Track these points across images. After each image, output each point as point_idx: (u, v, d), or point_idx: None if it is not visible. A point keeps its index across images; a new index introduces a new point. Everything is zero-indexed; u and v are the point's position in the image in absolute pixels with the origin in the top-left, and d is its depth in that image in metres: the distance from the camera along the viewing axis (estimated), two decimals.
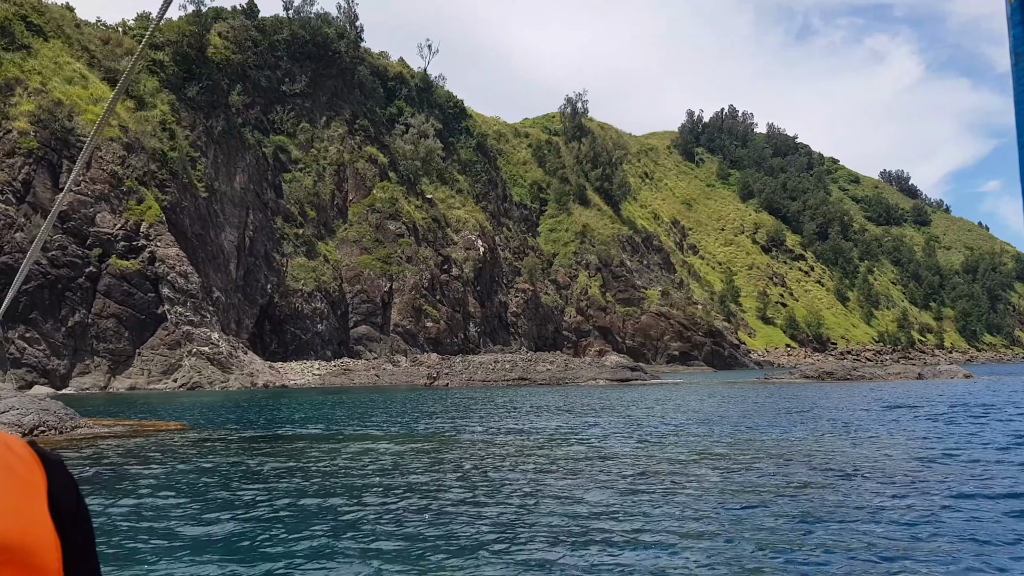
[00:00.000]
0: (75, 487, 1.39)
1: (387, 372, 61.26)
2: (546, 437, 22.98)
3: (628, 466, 17.14)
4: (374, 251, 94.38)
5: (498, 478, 15.73)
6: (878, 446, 20.59)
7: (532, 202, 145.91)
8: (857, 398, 38.87)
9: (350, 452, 19.93)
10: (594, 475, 15.97)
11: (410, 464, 17.79)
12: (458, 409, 35.01)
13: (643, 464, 17.49)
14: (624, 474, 16.02)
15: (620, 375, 53.02)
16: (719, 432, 24.25)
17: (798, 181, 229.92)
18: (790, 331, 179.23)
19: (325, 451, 20.25)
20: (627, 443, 21.41)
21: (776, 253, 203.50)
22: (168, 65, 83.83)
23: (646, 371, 56.92)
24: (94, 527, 1.45)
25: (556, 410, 33.54)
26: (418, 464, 17.79)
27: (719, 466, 17.09)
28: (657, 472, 16.28)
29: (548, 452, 19.52)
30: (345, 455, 19.39)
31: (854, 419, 27.99)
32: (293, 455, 19.60)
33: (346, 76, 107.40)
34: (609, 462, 17.78)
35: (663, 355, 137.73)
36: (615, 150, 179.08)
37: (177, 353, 58.34)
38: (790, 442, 21.61)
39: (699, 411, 32.69)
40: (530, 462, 17.88)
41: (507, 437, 23.02)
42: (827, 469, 16.69)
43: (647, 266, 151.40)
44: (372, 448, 20.62)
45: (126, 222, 60.93)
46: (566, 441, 22.00)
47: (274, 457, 19.23)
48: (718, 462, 17.70)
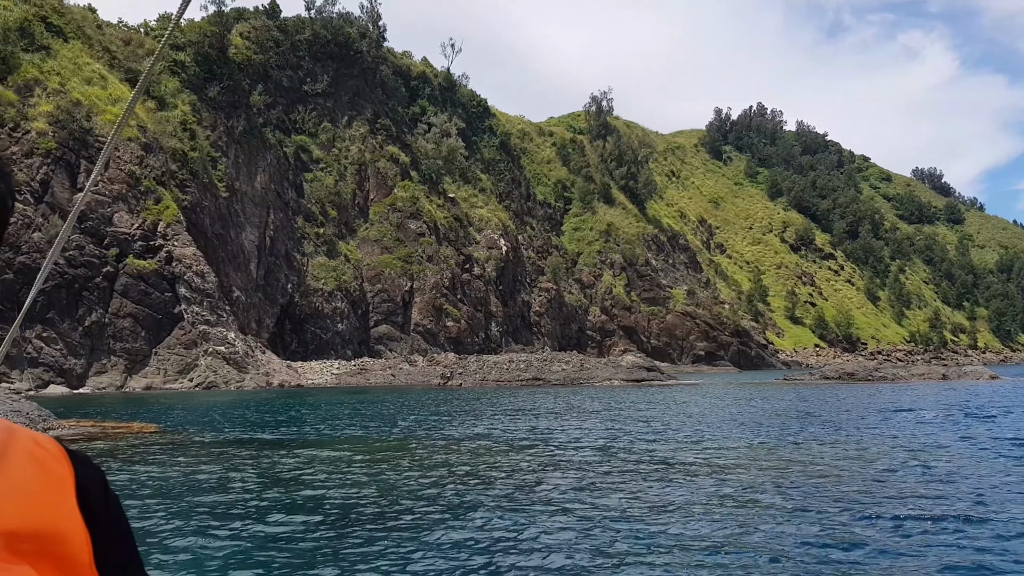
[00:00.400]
0: (104, 483, 1.39)
1: (403, 372, 60.99)
2: (506, 443, 22.42)
3: (570, 476, 16.58)
4: (395, 250, 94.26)
5: (420, 490, 15.22)
6: (836, 453, 19.91)
7: (556, 201, 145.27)
8: (870, 400, 37.97)
9: (309, 458, 19.48)
10: (525, 487, 15.41)
11: (349, 474, 17.27)
12: (453, 411, 34.54)
13: (590, 474, 16.92)
14: (557, 486, 15.45)
15: (636, 376, 52.32)
16: (700, 436, 23.62)
17: (828, 179, 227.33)
18: (819, 331, 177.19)
19: (286, 457, 19.82)
20: (584, 451, 20.81)
21: (805, 252, 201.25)
22: (189, 65, 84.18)
23: (663, 371, 56.15)
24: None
25: (548, 413, 32.97)
26: (353, 474, 17.27)
27: (664, 476, 16.48)
28: (589, 485, 15.70)
29: (489, 461, 18.96)
30: (303, 461, 18.97)
31: (846, 423, 27.24)
32: (254, 461, 19.19)
33: (368, 76, 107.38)
34: (554, 472, 17.22)
35: (689, 355, 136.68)
36: (641, 148, 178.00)
37: (193, 353, 58.42)
38: (751, 448, 20.98)
39: (694, 414, 32.00)
40: (466, 473, 17.32)
41: (473, 443, 22.51)
42: (772, 477, 16.05)
43: (672, 265, 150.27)
44: (327, 455, 20.13)
45: (143, 222, 61.12)
46: (524, 448, 21.43)
47: (232, 463, 18.82)
48: (667, 471, 17.09)
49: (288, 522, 12.28)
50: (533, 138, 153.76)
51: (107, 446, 21.83)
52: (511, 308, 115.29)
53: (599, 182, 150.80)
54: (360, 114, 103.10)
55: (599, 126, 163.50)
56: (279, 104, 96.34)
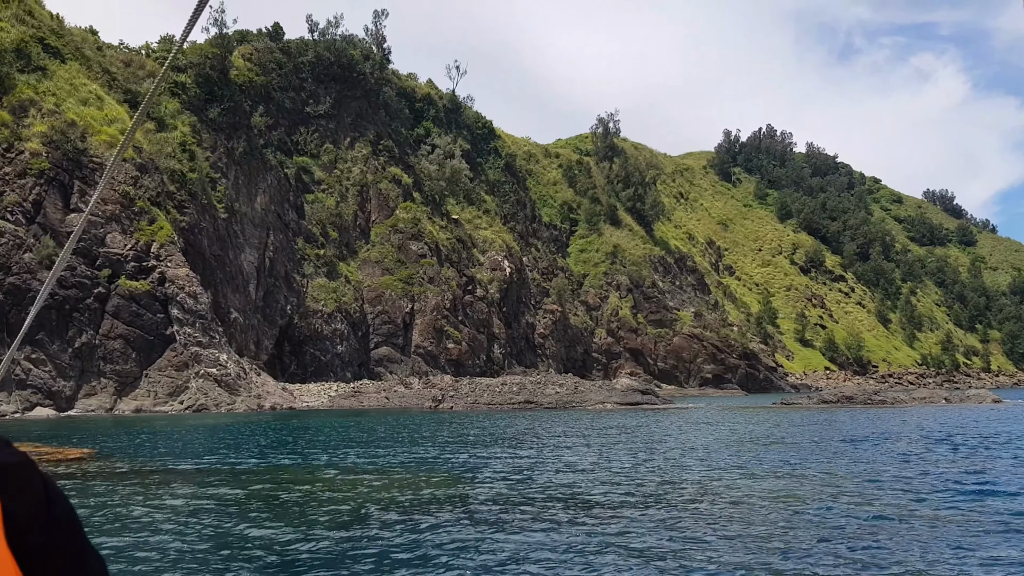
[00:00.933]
0: (47, 503, 1.07)
1: (397, 394, 60.17)
2: (445, 472, 21.49)
3: (492, 503, 15.68)
4: (396, 272, 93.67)
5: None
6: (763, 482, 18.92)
7: (562, 223, 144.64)
8: (852, 427, 36.91)
9: (216, 493, 18.59)
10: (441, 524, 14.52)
11: (262, 510, 16.41)
12: (422, 437, 33.63)
13: (508, 500, 16.03)
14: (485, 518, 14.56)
15: (630, 399, 51.30)
16: (659, 468, 22.66)
17: (838, 201, 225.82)
18: (829, 354, 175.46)
19: (194, 488, 18.97)
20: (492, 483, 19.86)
21: (815, 274, 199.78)
22: (190, 87, 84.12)
23: (658, 394, 55.08)
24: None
25: (510, 440, 32.01)
26: (256, 509, 16.41)
27: (555, 516, 15.52)
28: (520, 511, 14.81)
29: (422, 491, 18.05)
30: (206, 494, 18.09)
31: (803, 453, 26.21)
32: (175, 491, 18.37)
33: (371, 97, 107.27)
34: (492, 505, 16.32)
35: (696, 378, 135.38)
36: (648, 170, 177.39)
37: (184, 375, 57.77)
38: (700, 481, 20.03)
39: (659, 442, 31.00)
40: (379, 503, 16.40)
41: (402, 474, 21.62)
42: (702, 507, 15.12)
43: (680, 287, 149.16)
44: (240, 491, 19.22)
45: (136, 242, 60.67)
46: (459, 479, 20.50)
47: (150, 493, 17.99)
48: (569, 510, 16.14)
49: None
50: (539, 160, 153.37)
51: None
52: (515, 330, 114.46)
53: (605, 203, 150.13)
54: (362, 135, 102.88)
55: (606, 148, 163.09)
56: (281, 125, 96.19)
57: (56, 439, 31.69)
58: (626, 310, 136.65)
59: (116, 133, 64.45)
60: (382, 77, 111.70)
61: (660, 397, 54.74)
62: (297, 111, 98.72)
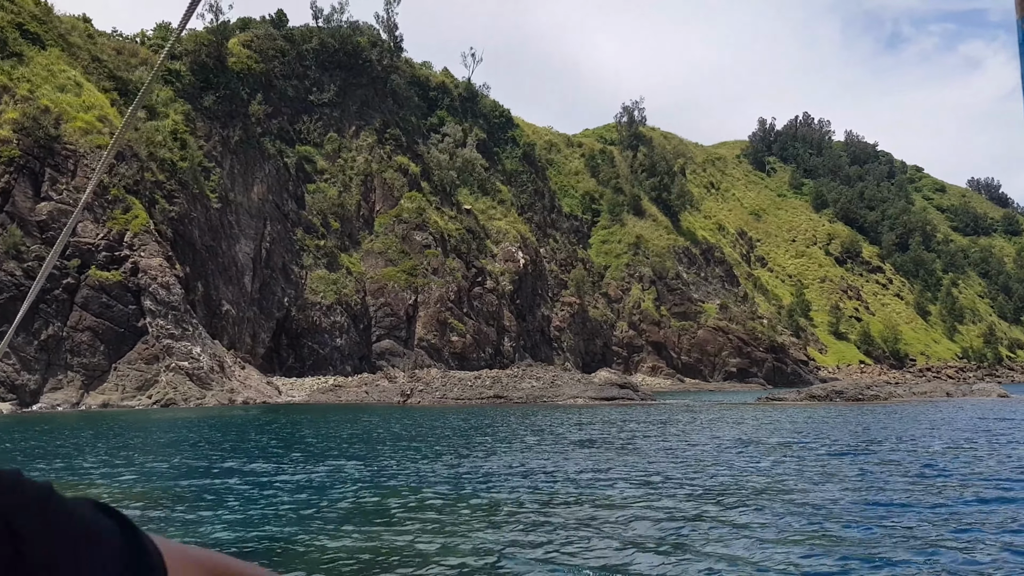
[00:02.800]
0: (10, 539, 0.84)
1: (379, 388, 57.60)
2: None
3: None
4: (400, 263, 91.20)
5: None
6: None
7: (584, 213, 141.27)
8: (804, 427, 33.48)
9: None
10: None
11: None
12: (341, 440, 30.93)
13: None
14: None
15: (606, 393, 48.10)
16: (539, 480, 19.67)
17: (877, 190, 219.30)
18: (865, 347, 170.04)
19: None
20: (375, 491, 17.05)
21: (851, 265, 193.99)
22: (184, 74, 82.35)
23: (638, 388, 51.74)
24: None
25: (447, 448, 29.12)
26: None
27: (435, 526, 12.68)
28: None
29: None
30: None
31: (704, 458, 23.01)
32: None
33: (377, 85, 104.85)
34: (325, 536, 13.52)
35: (720, 372, 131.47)
36: (676, 159, 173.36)
37: (154, 368, 55.75)
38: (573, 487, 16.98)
39: (577, 442, 27.93)
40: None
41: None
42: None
43: (705, 278, 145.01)
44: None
45: (109, 231, 58.81)
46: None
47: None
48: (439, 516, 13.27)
49: None
50: (561, 149, 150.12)
51: None
52: (529, 323, 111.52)
53: (629, 193, 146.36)
54: (368, 124, 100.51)
55: (631, 136, 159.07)
56: (283, 114, 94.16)
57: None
58: (649, 302, 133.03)
59: (93, 120, 62.73)
60: (391, 64, 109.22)
61: (640, 391, 51.41)
62: (300, 99, 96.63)
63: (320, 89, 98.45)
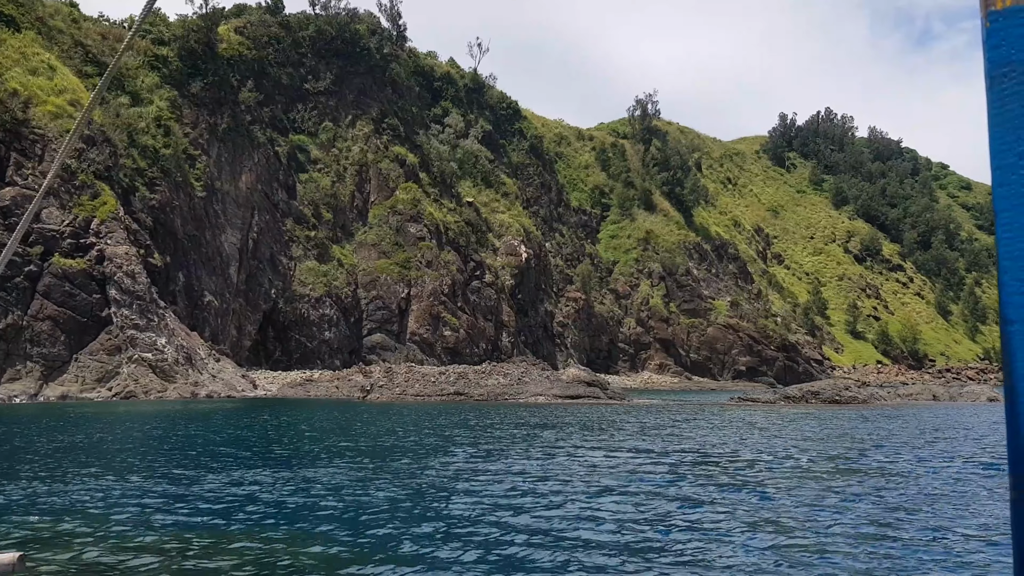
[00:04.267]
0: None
1: (350, 384, 55.42)
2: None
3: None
4: (393, 255, 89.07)
5: None
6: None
7: (593, 207, 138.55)
8: (744, 434, 30.86)
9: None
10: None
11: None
12: (260, 443, 28.75)
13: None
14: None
15: (572, 391, 45.60)
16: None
17: (899, 187, 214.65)
18: (882, 347, 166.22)
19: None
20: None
21: (871, 263, 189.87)
22: (172, 60, 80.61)
23: (606, 387, 49.15)
24: None
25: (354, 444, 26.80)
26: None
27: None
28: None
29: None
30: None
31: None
32: None
33: (376, 73, 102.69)
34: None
35: (730, 370, 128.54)
36: (690, 153, 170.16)
37: (116, 359, 53.91)
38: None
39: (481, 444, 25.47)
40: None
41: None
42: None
43: (716, 275, 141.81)
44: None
45: (75, 218, 57.04)
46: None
47: None
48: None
49: None
50: (571, 142, 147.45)
51: None
52: (532, 318, 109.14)
53: (640, 188, 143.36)
54: (365, 113, 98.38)
55: (643, 130, 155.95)
56: (278, 102, 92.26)
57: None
58: (657, 299, 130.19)
59: (64, 104, 61.01)
60: (391, 53, 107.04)
61: (609, 390, 48.77)
62: (295, 88, 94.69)
63: (316, 77, 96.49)
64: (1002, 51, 1.48)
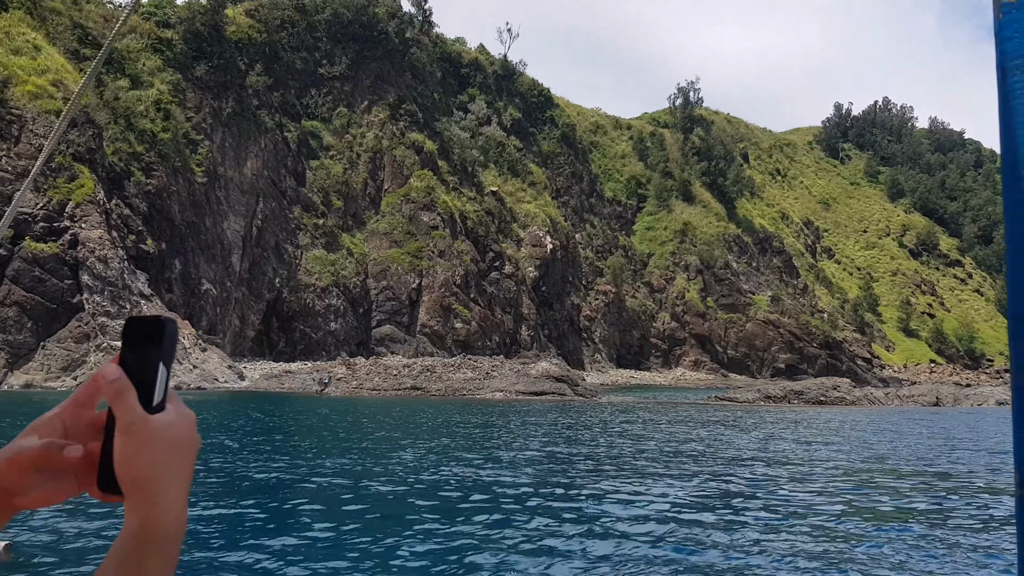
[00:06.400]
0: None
1: (334, 376, 52.51)
2: None
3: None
4: (405, 244, 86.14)
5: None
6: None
7: (628, 198, 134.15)
8: (685, 438, 26.93)
9: None
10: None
11: None
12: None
13: None
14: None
15: (536, 387, 41.91)
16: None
17: (960, 179, 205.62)
18: (937, 345, 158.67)
19: None
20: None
21: (927, 258, 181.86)
22: (176, 43, 78.67)
23: (578, 383, 45.20)
24: None
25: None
26: None
27: None
28: None
29: None
30: None
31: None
32: None
33: (394, 58, 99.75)
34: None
35: (769, 367, 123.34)
36: (735, 143, 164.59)
37: (83, 347, 51.76)
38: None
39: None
40: None
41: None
42: None
43: (757, 269, 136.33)
44: None
45: (49, 201, 55.06)
46: None
47: None
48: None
49: None
50: (608, 131, 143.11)
51: None
52: (557, 312, 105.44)
53: (679, 178, 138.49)
54: (381, 99, 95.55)
55: (684, 119, 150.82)
56: (291, 87, 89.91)
57: None
58: (694, 293, 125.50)
59: (46, 84, 59.15)
60: (413, 38, 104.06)
61: (581, 386, 44.80)
62: (309, 72, 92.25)
63: (331, 62, 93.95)
64: (1015, 43, 1.50)
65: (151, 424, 1.08)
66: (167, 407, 1.12)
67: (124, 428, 1.07)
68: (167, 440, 1.08)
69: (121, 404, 1.08)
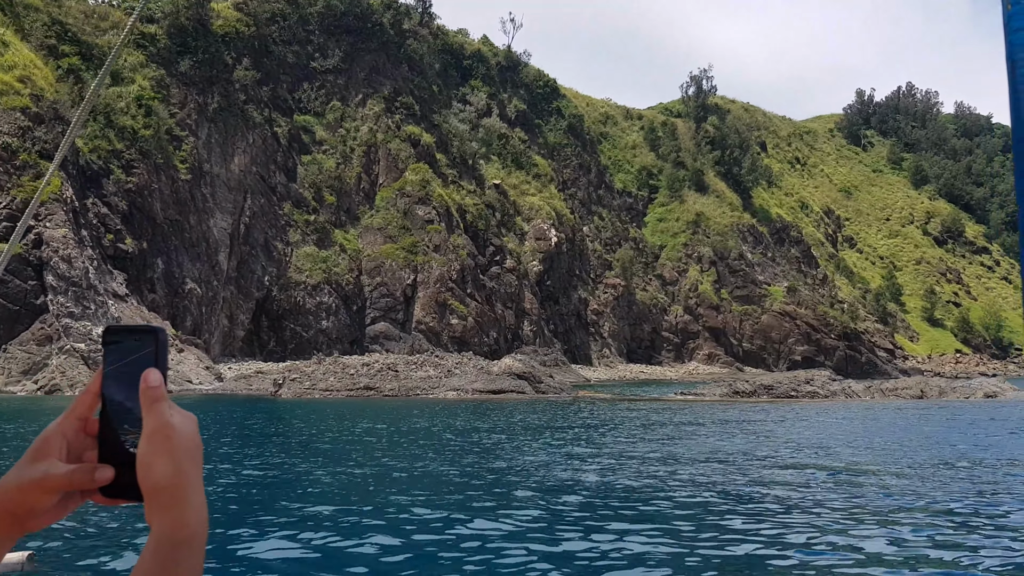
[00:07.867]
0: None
1: (307, 375, 50.44)
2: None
3: None
4: (400, 239, 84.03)
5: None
6: None
7: (639, 189, 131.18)
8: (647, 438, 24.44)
9: None
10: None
11: None
12: None
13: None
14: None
15: (496, 385, 39.52)
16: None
17: (987, 165, 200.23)
18: (963, 334, 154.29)
19: None
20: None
21: (952, 245, 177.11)
22: (160, 38, 77.03)
23: (541, 380, 42.49)
24: None
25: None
26: None
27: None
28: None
29: None
30: None
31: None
32: None
33: (389, 50, 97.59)
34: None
35: (785, 360, 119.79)
36: (751, 132, 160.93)
37: (45, 350, 50.07)
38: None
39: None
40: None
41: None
42: None
43: (773, 259, 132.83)
44: None
45: (12, 200, 53.48)
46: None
47: None
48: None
49: None
50: (618, 122, 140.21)
51: None
52: (564, 306, 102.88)
53: (691, 168, 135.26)
54: (376, 92, 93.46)
55: (697, 107, 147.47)
56: (282, 81, 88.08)
57: None
58: (707, 285, 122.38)
59: (12, 80, 57.62)
60: (411, 30, 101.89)
61: (542, 383, 42.21)
62: (301, 66, 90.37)
63: (324, 55, 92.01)
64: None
65: (178, 430, 1.11)
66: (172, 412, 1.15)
67: (158, 434, 1.09)
68: (186, 444, 1.12)
69: (156, 411, 1.11)
